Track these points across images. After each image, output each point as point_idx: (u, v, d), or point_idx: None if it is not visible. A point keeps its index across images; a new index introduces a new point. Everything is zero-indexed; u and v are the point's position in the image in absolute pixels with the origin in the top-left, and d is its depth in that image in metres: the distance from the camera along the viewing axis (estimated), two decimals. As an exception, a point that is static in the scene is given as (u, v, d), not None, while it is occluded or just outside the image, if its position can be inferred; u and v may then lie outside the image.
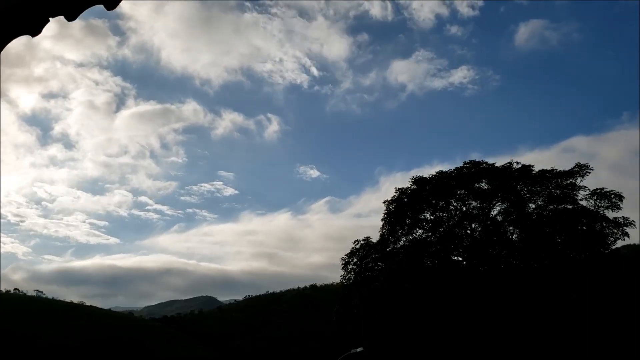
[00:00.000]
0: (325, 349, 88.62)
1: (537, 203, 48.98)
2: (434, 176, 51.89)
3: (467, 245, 48.87)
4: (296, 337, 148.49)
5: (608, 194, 46.30)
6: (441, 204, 51.03)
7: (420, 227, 50.97)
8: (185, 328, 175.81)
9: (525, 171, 49.54)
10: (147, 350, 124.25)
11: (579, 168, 48.43)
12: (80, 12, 5.60)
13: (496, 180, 49.41)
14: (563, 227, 45.72)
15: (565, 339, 40.89)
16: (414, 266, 47.61)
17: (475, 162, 51.60)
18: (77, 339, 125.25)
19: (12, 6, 5.14)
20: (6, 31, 5.30)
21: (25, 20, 5.35)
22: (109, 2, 5.67)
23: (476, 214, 50.07)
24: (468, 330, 43.31)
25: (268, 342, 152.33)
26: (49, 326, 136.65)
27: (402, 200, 51.62)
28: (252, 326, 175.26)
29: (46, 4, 5.32)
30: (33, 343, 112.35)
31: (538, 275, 44.37)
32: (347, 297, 51.16)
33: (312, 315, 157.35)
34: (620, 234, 44.38)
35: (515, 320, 42.28)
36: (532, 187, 49.04)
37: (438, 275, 46.88)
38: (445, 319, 44.09)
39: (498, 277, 45.89)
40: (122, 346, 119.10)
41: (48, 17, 5.46)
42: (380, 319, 47.04)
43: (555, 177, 48.55)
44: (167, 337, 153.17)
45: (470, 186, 50.15)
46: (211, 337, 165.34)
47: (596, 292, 40.85)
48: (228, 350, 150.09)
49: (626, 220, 44.66)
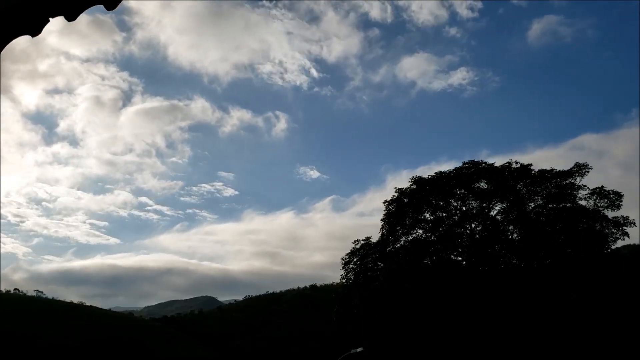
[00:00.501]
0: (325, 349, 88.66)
1: (537, 202, 49.05)
2: (433, 176, 51.97)
3: (467, 244, 48.93)
4: (296, 337, 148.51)
5: (607, 193, 46.33)
6: (441, 204, 51.12)
7: (420, 227, 51.05)
8: (185, 328, 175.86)
9: (525, 171, 49.60)
10: (147, 350, 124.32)
11: (578, 167, 48.48)
12: (80, 12, 5.63)
13: (495, 180, 49.49)
14: (563, 227, 45.79)
15: (565, 338, 40.91)
16: (414, 266, 47.68)
17: (474, 162, 51.65)
18: (77, 339, 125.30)
19: (12, 6, 5.16)
20: (6, 31, 5.32)
21: (25, 20, 5.37)
22: (109, 2, 5.69)
23: (476, 214, 50.14)
24: (468, 330, 43.34)
25: (268, 342, 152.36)
26: (49, 326, 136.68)
27: (402, 200, 51.72)
28: (252, 326, 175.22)
29: (46, 4, 5.35)
30: (33, 343, 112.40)
31: (538, 275, 44.40)
32: (347, 297, 51.22)
33: (312, 315, 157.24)
34: (620, 234, 44.43)
35: (515, 320, 42.30)
36: (532, 186, 49.10)
37: (438, 275, 46.93)
38: (445, 319, 44.12)
39: (498, 277, 45.93)
40: (122, 346, 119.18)
41: (48, 17, 5.48)
42: (380, 319, 47.08)
43: (555, 177, 48.61)
44: (167, 337, 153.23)
45: (470, 186, 50.23)
46: (211, 337, 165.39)
47: (596, 292, 40.87)
48: (228, 350, 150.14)
49: (626, 219, 44.71)
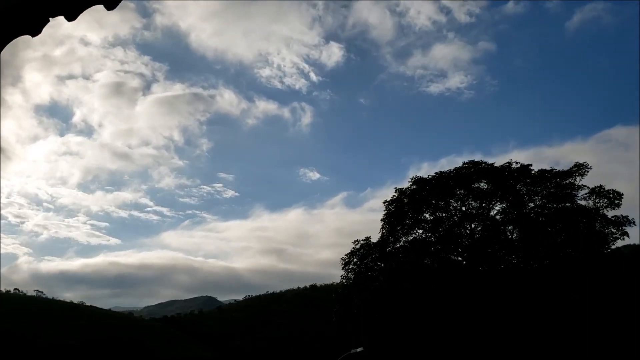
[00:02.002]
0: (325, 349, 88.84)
1: (536, 202, 49.06)
2: (433, 176, 52.04)
3: (467, 245, 48.93)
4: (296, 337, 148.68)
5: (607, 193, 46.37)
6: (441, 204, 51.13)
7: (420, 227, 51.05)
8: (185, 328, 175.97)
9: (524, 171, 49.62)
10: (147, 350, 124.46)
11: (577, 167, 48.53)
12: (80, 12, 5.63)
13: (495, 180, 49.51)
14: (562, 227, 45.80)
15: (565, 339, 40.92)
16: (414, 266, 47.69)
17: (474, 162, 51.74)
18: (77, 339, 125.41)
19: (12, 6, 5.17)
20: (6, 31, 5.32)
21: (25, 20, 5.38)
22: (109, 2, 5.70)
23: (476, 214, 50.15)
24: (468, 330, 43.34)
25: (268, 342, 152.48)
26: (49, 326, 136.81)
27: (402, 200, 51.74)
28: (252, 326, 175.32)
29: (46, 4, 5.35)
30: (33, 343, 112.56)
31: (538, 275, 44.40)
32: (347, 297, 51.19)
33: (312, 315, 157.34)
34: (620, 234, 44.43)
35: (515, 320, 42.31)
36: (531, 186, 49.11)
37: (438, 275, 46.95)
38: (445, 319, 44.13)
39: (498, 277, 45.93)
40: (122, 346, 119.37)
41: (48, 17, 5.48)
42: (380, 319, 47.07)
43: (554, 177, 48.64)
44: (167, 337, 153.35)
45: (470, 186, 50.25)
46: (211, 337, 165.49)
47: (596, 292, 40.87)
48: (228, 350, 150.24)
49: (625, 218, 44.73)
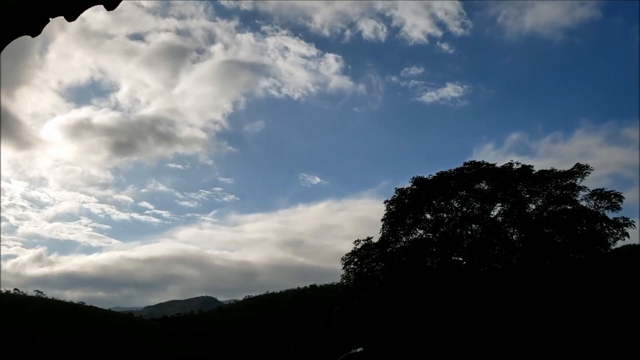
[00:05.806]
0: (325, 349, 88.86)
1: (537, 203, 49.06)
2: (434, 177, 52.03)
3: (468, 245, 48.91)
4: (296, 337, 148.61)
5: (608, 194, 46.40)
6: (442, 205, 51.13)
7: (421, 228, 51.03)
8: (185, 328, 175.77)
9: (525, 171, 49.62)
10: (147, 350, 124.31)
11: (578, 168, 48.53)
12: (80, 12, 5.61)
13: (496, 180, 49.50)
14: (563, 228, 45.78)
15: (565, 339, 40.90)
16: (415, 266, 47.67)
17: (475, 163, 51.76)
18: (77, 339, 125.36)
19: (12, 6, 5.15)
20: (6, 31, 5.30)
21: (25, 20, 5.35)
22: (109, 2, 5.68)
23: (476, 215, 50.14)
24: (468, 330, 43.33)
25: (268, 342, 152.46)
26: (49, 326, 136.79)
27: (402, 200, 51.72)
28: (252, 326, 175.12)
29: (46, 4, 5.33)
30: (33, 343, 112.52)
31: (538, 275, 44.38)
32: (347, 297, 51.18)
33: (312, 315, 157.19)
34: (620, 234, 44.44)
35: (515, 320, 42.29)
36: (532, 187, 49.10)
37: (438, 276, 46.89)
38: (445, 319, 44.11)
39: (498, 278, 45.90)
40: (122, 346, 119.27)
41: (48, 17, 5.46)
42: (380, 319, 47.05)
43: (555, 178, 48.64)
44: (167, 337, 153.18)
45: (471, 187, 50.25)
46: (211, 337, 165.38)
47: (596, 292, 40.86)
48: (228, 350, 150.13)
49: (626, 220, 44.75)
